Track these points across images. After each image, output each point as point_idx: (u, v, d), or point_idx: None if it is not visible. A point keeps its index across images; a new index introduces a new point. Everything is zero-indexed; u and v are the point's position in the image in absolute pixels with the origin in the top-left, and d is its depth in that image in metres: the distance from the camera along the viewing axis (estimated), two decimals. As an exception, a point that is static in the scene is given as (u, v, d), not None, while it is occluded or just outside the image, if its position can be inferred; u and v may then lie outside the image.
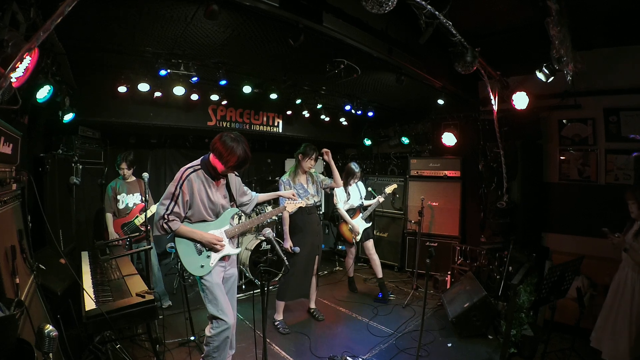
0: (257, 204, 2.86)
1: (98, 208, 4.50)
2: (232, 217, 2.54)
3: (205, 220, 2.39)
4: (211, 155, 2.31)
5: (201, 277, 2.35)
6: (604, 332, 2.83)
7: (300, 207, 3.02)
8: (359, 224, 4.46)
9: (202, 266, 2.34)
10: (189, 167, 2.34)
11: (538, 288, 2.87)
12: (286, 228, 3.47)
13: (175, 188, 2.25)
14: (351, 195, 4.50)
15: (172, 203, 2.24)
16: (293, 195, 2.93)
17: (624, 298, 2.72)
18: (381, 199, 4.61)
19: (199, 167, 2.35)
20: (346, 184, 4.48)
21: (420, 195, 5.01)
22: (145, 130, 5.24)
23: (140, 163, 4.98)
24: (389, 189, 4.79)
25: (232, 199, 2.55)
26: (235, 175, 2.62)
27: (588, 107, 3.97)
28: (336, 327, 3.74)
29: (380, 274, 4.54)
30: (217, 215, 2.45)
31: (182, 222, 2.32)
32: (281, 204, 3.07)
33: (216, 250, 2.38)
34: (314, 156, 3.52)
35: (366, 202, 4.65)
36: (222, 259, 2.44)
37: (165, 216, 2.23)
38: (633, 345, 2.61)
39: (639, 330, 2.60)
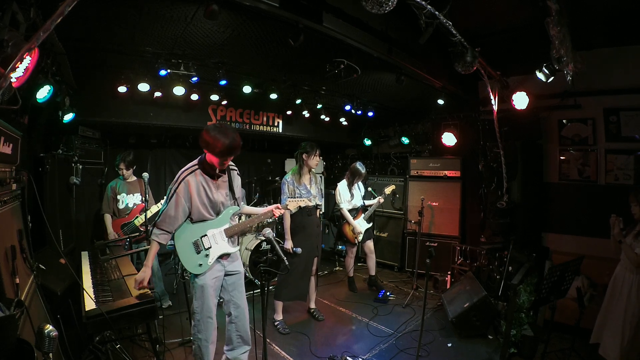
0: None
1: (98, 208, 4.48)
2: (233, 216, 2.54)
3: (205, 220, 2.40)
4: (206, 153, 2.32)
5: (196, 276, 2.36)
6: (602, 328, 2.84)
7: (300, 208, 3.01)
8: (361, 224, 4.48)
9: (200, 265, 2.34)
10: (186, 169, 2.35)
11: (538, 288, 2.86)
12: (287, 228, 3.47)
13: (171, 190, 2.30)
14: (354, 196, 4.52)
15: (166, 206, 2.30)
16: (274, 210, 2.66)
17: (620, 298, 2.73)
18: (381, 200, 4.66)
19: (197, 167, 2.36)
20: (351, 184, 4.51)
21: (420, 195, 5.01)
22: (145, 130, 5.24)
23: (140, 163, 4.98)
24: (387, 190, 4.83)
25: (233, 196, 2.55)
26: (237, 174, 2.62)
27: (588, 107, 3.97)
28: (336, 327, 3.74)
29: (373, 272, 4.77)
30: (217, 213, 2.46)
31: (176, 226, 2.32)
32: (282, 202, 3.04)
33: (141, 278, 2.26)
34: (317, 152, 3.54)
35: (367, 202, 4.66)
36: (221, 257, 2.44)
37: (157, 220, 2.30)
38: (626, 345, 2.61)
39: (632, 331, 2.61)
